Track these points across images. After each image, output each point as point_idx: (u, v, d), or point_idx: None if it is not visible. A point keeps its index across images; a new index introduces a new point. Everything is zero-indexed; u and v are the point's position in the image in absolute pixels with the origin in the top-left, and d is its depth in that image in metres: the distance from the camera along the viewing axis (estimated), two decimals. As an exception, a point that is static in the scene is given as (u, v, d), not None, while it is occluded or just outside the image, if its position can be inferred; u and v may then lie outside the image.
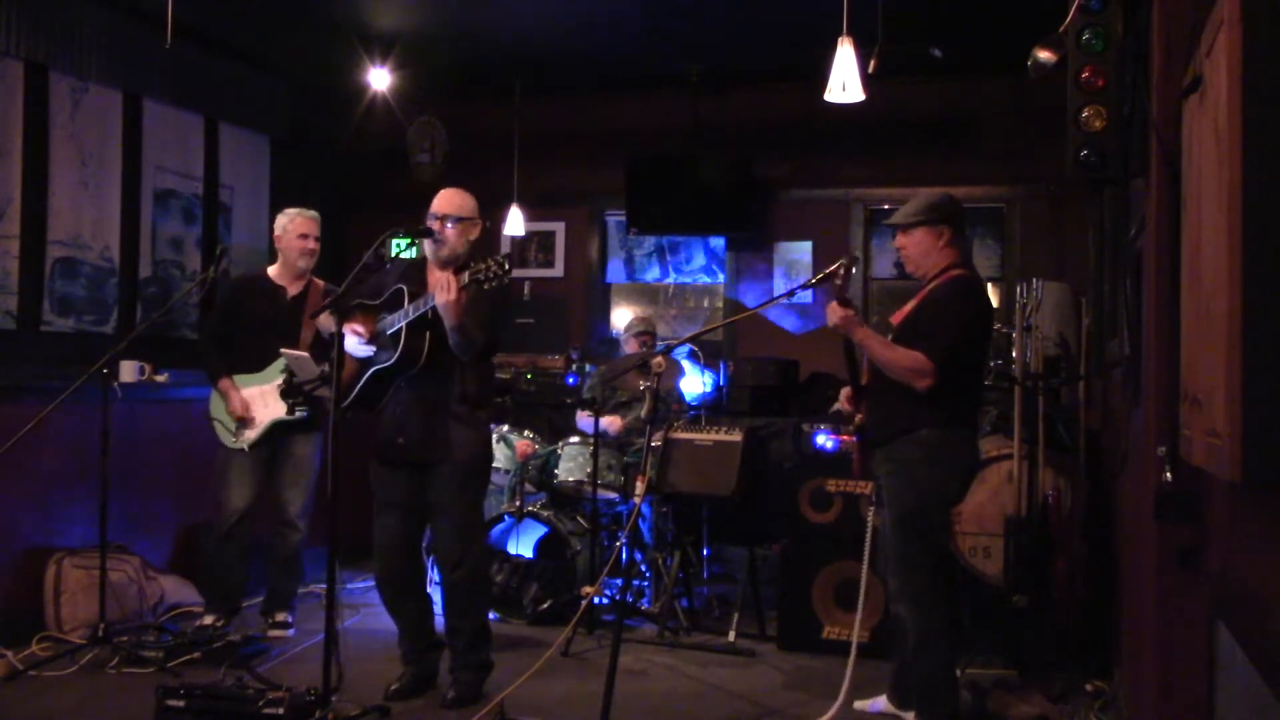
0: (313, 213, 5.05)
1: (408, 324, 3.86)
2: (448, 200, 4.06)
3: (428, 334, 3.88)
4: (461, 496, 4.04)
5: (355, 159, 7.35)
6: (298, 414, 4.86)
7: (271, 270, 5.05)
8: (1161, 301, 2.97)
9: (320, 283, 5.05)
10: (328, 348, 4.71)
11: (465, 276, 3.69)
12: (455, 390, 3.99)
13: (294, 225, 4.96)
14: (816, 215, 6.87)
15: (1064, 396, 5.26)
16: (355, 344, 4.01)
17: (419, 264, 4.17)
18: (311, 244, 4.97)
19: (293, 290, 4.98)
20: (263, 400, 4.88)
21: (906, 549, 3.72)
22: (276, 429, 4.90)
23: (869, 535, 4.10)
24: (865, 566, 4.10)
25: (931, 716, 3.76)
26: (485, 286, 3.68)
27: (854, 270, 3.76)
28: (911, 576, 3.72)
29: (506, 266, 3.67)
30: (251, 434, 4.86)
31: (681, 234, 7.11)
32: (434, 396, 3.99)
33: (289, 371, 4.83)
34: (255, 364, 4.90)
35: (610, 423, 5.75)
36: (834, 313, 3.70)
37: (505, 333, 4.22)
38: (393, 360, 3.90)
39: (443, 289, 3.70)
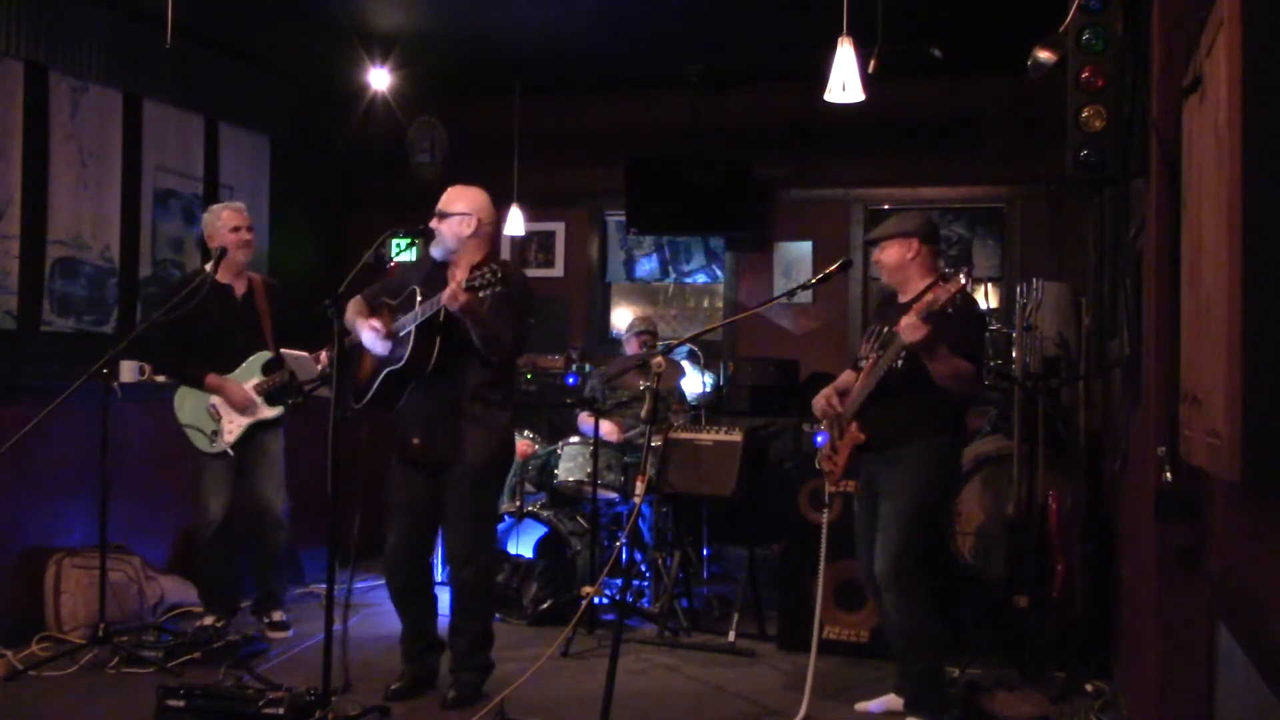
0: (238, 204, 4.98)
1: (417, 326, 3.87)
2: (445, 196, 4.09)
3: (437, 337, 3.88)
4: (474, 497, 4.04)
5: (355, 159, 7.36)
6: (275, 413, 4.82)
7: (209, 270, 4.92)
8: (1161, 301, 2.97)
9: (258, 277, 5.00)
10: (287, 343, 4.71)
11: (463, 283, 3.69)
12: (470, 391, 4.00)
13: (223, 220, 4.84)
14: (816, 215, 6.88)
15: (1064, 396, 5.26)
16: (372, 339, 4.01)
17: (441, 264, 4.16)
18: (245, 234, 4.85)
19: (239, 289, 4.91)
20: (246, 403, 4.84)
21: (902, 539, 3.76)
22: (251, 428, 4.86)
23: (824, 532, 4.13)
24: (822, 565, 4.13)
25: (923, 711, 3.78)
26: (481, 295, 3.68)
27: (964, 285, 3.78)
28: (902, 567, 3.76)
29: (499, 274, 3.65)
30: (230, 436, 4.82)
31: (681, 234, 7.11)
32: (448, 398, 3.99)
33: (275, 370, 4.80)
34: (224, 367, 4.83)
35: (609, 431, 5.74)
36: (918, 329, 3.58)
37: (530, 332, 4.20)
38: (403, 361, 3.90)
39: (450, 296, 3.70)
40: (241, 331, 4.86)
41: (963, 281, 3.54)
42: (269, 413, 4.85)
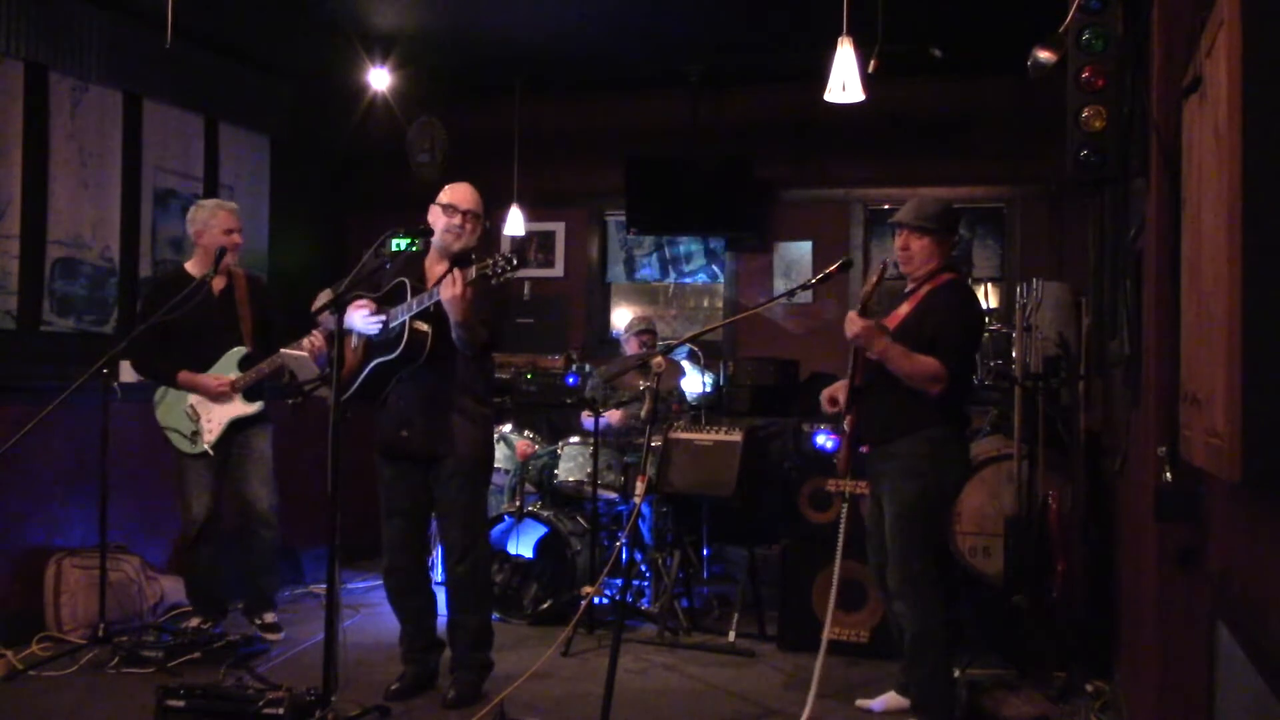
0: (231, 204, 4.93)
1: (411, 317, 3.87)
2: (465, 195, 4.08)
3: (431, 328, 3.89)
4: (466, 492, 4.05)
5: (355, 159, 7.35)
6: (254, 408, 4.77)
7: (190, 266, 4.88)
8: (1161, 301, 2.97)
9: (241, 271, 4.94)
10: (269, 338, 4.68)
11: (472, 271, 3.70)
12: (459, 384, 4.00)
13: (219, 220, 4.79)
14: (816, 215, 6.87)
15: (1064, 396, 5.26)
16: (363, 317, 3.98)
17: (417, 257, 4.17)
18: (237, 238, 4.80)
19: (217, 285, 4.82)
20: (214, 399, 4.78)
21: (907, 543, 3.75)
22: (231, 426, 4.80)
23: (841, 529, 4.12)
24: (837, 564, 4.13)
25: (929, 714, 3.77)
26: (494, 281, 3.69)
27: (881, 279, 3.79)
28: (910, 572, 3.74)
29: (515, 262, 3.68)
30: (210, 436, 4.76)
31: (681, 234, 7.11)
32: (438, 390, 3.99)
33: (251, 366, 4.75)
34: (199, 364, 4.78)
35: (611, 415, 5.74)
36: (854, 324, 3.67)
37: (508, 330, 4.23)
38: (396, 353, 3.90)
39: (448, 285, 3.70)
40: (218, 328, 4.79)
41: (948, 277, 3.56)
42: (247, 409, 4.78)
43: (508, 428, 5.78)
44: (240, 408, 4.79)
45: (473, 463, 4.05)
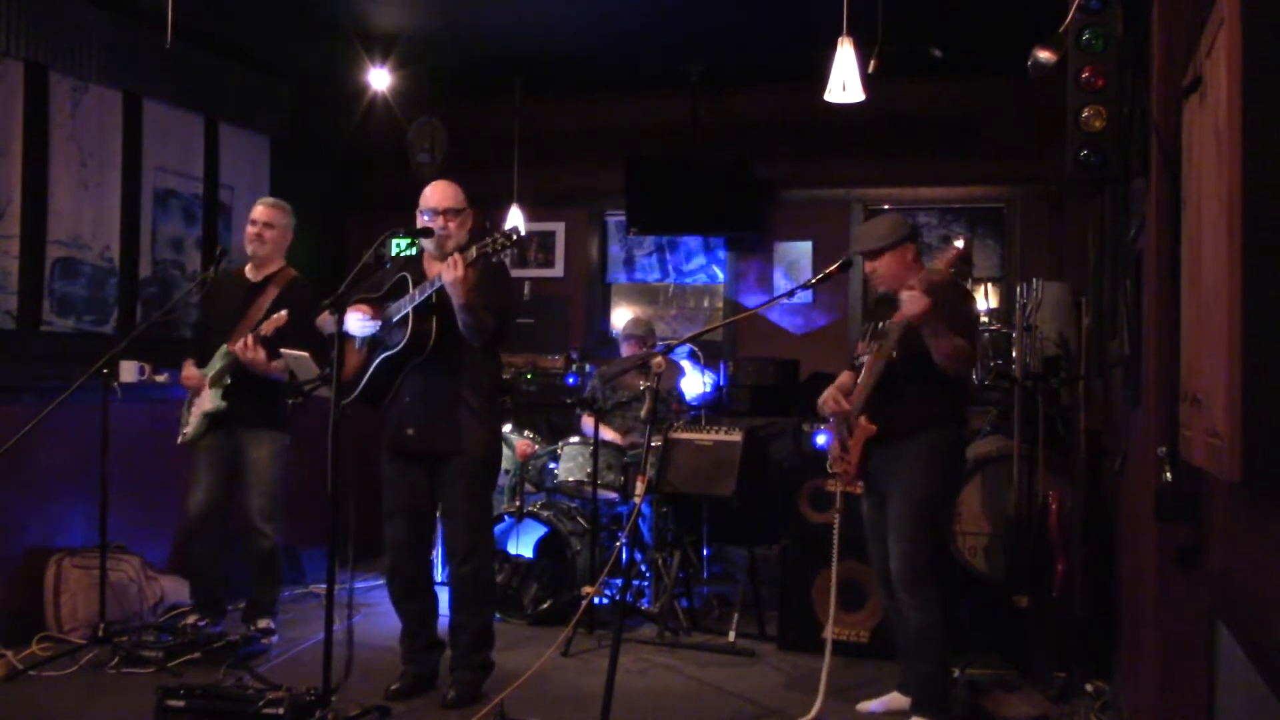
0: (270, 200, 4.92)
1: (414, 309, 3.86)
2: (441, 194, 4.04)
3: (435, 318, 3.88)
4: (471, 492, 4.04)
5: (355, 159, 7.36)
6: (218, 405, 4.68)
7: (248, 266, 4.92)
8: (1161, 301, 2.97)
9: (291, 272, 4.90)
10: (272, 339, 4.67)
11: (473, 252, 3.69)
12: (465, 380, 3.99)
13: (250, 214, 4.85)
14: (816, 215, 6.88)
15: (1064, 396, 5.26)
16: (359, 320, 3.97)
17: (417, 260, 4.17)
18: (253, 229, 4.78)
19: (253, 279, 4.83)
20: (201, 393, 4.76)
21: (919, 537, 3.77)
22: (224, 427, 4.73)
23: (836, 530, 4.13)
24: (835, 564, 4.13)
25: (929, 712, 3.78)
26: (494, 259, 3.69)
27: (954, 262, 3.82)
28: (920, 563, 3.76)
29: (514, 237, 3.67)
30: (188, 429, 4.75)
31: (681, 234, 7.12)
32: (444, 386, 3.97)
33: (224, 364, 4.70)
34: (206, 358, 4.77)
35: (615, 437, 5.73)
36: (918, 301, 3.59)
37: (514, 322, 4.21)
38: (401, 344, 3.88)
39: (449, 268, 3.69)
40: (227, 322, 4.77)
41: (959, 247, 3.58)
42: (206, 405, 4.70)
43: (508, 428, 5.78)
44: (207, 403, 4.72)
45: (479, 462, 4.04)
